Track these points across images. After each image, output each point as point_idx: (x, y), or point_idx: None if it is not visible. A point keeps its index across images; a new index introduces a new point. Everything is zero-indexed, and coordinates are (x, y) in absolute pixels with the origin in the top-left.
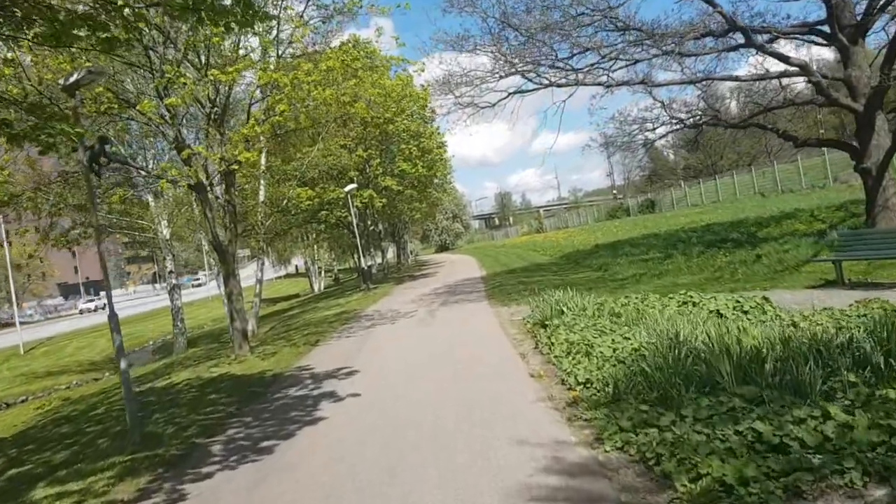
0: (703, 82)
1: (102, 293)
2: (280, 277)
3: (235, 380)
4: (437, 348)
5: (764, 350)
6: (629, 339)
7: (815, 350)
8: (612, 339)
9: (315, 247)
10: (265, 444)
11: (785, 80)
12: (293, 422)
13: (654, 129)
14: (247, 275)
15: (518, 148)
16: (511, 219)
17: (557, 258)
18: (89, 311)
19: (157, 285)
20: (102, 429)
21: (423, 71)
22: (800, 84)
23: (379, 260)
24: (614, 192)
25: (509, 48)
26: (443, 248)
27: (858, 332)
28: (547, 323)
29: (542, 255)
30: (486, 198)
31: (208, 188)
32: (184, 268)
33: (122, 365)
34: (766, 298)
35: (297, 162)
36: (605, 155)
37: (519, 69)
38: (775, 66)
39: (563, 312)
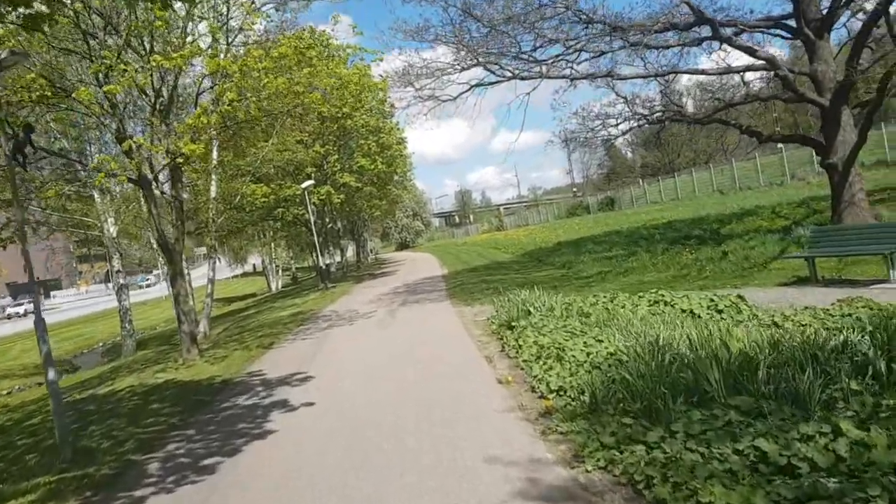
0: (666, 77)
1: (46, 294)
2: (237, 276)
3: (181, 387)
4: (397, 349)
5: (753, 355)
6: (602, 341)
7: (809, 354)
8: (585, 342)
9: (272, 245)
10: (208, 461)
11: (747, 77)
12: (240, 435)
13: (617, 124)
14: (202, 273)
15: (478, 145)
16: (472, 217)
17: (519, 256)
18: (18, 315)
19: (110, 284)
20: (34, 442)
21: (381, 60)
22: (758, 81)
23: (338, 258)
24: (574, 189)
25: (471, 40)
26: (403, 246)
27: (853, 334)
28: (513, 324)
29: (503, 252)
30: (447, 195)
31: (153, 183)
32: (138, 266)
33: (51, 375)
34: (740, 297)
35: (250, 157)
36: (566, 152)
37: (481, 61)
38: (738, 61)
39: (529, 313)
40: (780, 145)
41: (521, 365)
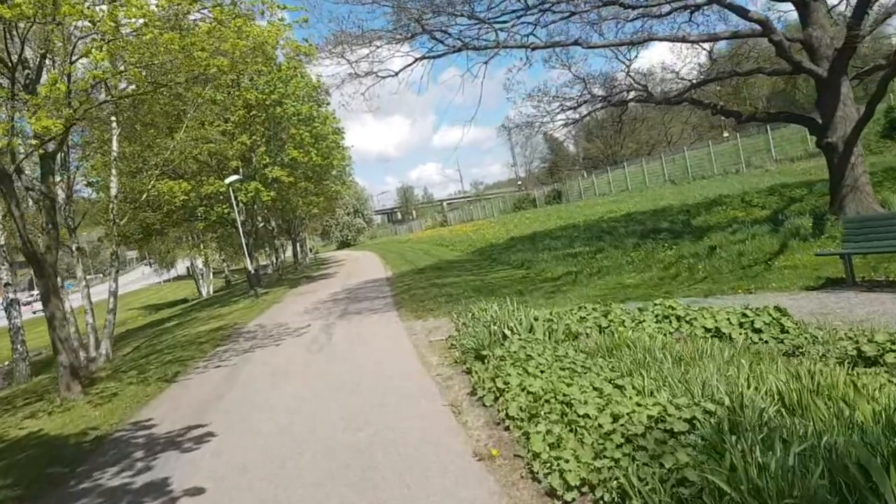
0: (629, 57)
1: None
2: (168, 281)
3: (42, 445)
4: (329, 390)
5: None
6: (624, 388)
7: None
8: (597, 389)
9: (202, 247)
10: None
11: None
12: None
13: (577, 107)
14: (130, 279)
15: (419, 143)
16: (414, 213)
17: (470, 254)
18: None
19: (35, 291)
20: None
21: (305, 21)
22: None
23: (274, 260)
24: (519, 182)
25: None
26: (344, 244)
27: None
28: (485, 353)
29: (451, 250)
30: (388, 192)
31: (13, 175)
32: (66, 272)
33: None
34: (779, 310)
35: (158, 149)
36: (508, 146)
37: (427, 27)
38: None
39: (505, 336)
40: (725, 135)
41: (504, 422)
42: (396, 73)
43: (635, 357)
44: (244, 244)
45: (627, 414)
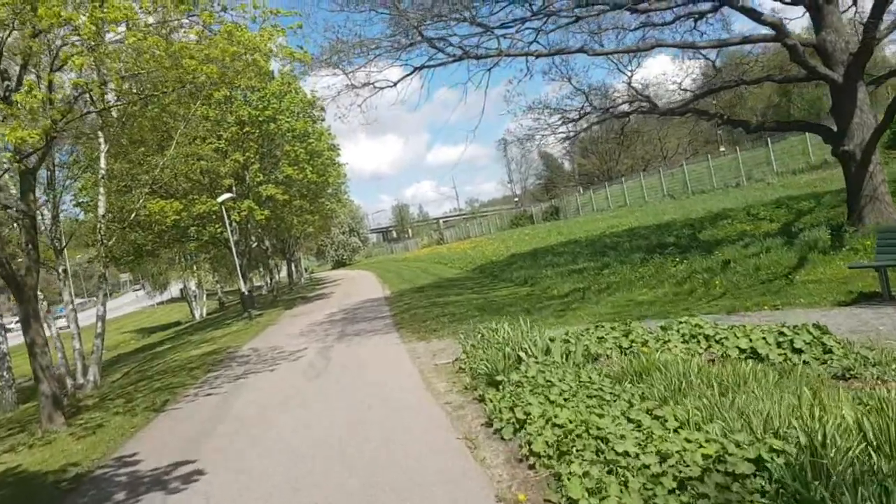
0: (631, 69)
1: None
2: (161, 303)
3: (18, 483)
4: (328, 420)
5: None
6: (664, 420)
7: None
8: (635, 421)
9: (195, 269)
10: None
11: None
12: None
13: (578, 119)
14: (127, 301)
15: (411, 161)
16: (410, 231)
17: (470, 272)
18: None
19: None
20: None
21: (300, 27)
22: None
23: (269, 280)
24: (516, 199)
25: (411, 3)
26: (340, 263)
27: None
28: (500, 379)
29: (450, 268)
30: (384, 210)
31: None
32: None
33: None
34: (819, 327)
35: (148, 165)
36: (504, 162)
37: (427, 35)
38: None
39: (520, 360)
40: (721, 149)
41: (529, 459)
42: (395, 84)
43: (669, 383)
44: (237, 265)
45: (677, 452)
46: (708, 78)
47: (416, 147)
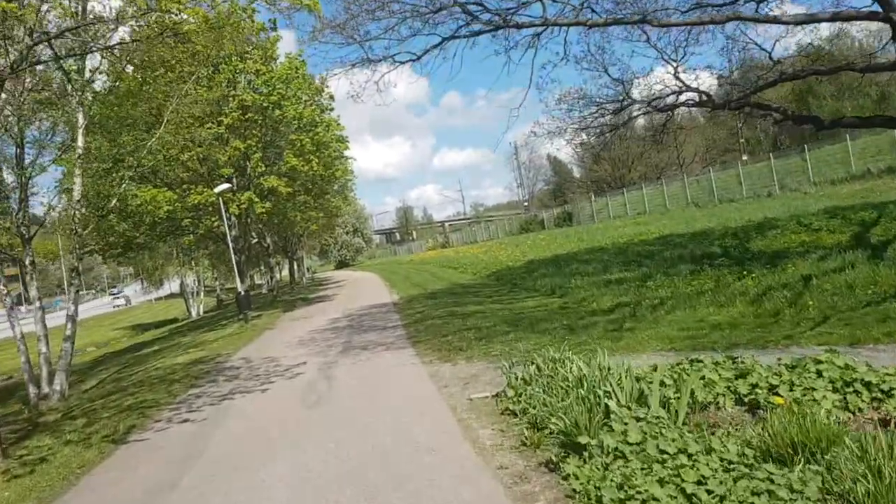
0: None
1: None
2: (160, 299)
3: None
4: (331, 484)
5: None
6: None
7: None
8: None
9: (193, 264)
10: None
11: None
12: None
13: (620, 111)
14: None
15: (418, 164)
16: (414, 234)
17: (485, 278)
18: None
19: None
20: None
21: None
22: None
23: (269, 279)
24: (525, 203)
25: None
26: (343, 264)
27: None
28: (583, 442)
29: (461, 273)
30: (387, 212)
31: None
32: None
33: None
34: None
35: (132, 145)
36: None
37: None
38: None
39: (608, 412)
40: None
41: None
42: (419, 57)
43: (871, 471)
44: (234, 261)
45: None
46: (763, 70)
47: (422, 150)
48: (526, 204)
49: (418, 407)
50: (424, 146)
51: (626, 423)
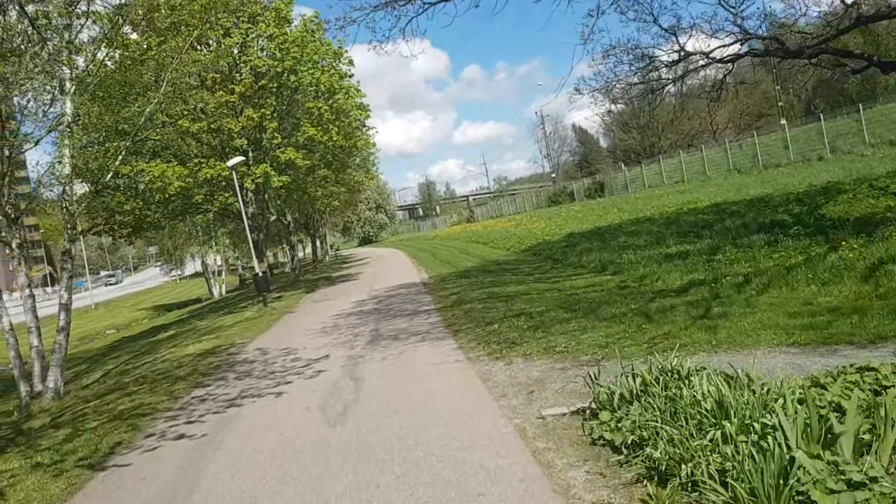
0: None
1: None
2: (185, 278)
3: None
4: None
5: None
6: None
7: None
8: None
9: (213, 243)
10: None
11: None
12: None
13: (676, 62)
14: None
15: (438, 139)
16: (438, 209)
17: (520, 253)
18: None
19: (49, 288)
20: None
21: None
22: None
23: (292, 258)
24: (553, 175)
25: None
26: (366, 240)
27: None
28: None
29: (493, 248)
30: (410, 187)
31: None
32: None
33: None
34: None
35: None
36: (545, 131)
37: None
38: None
39: (792, 462)
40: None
41: None
42: None
43: None
44: (250, 241)
45: None
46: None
47: (443, 125)
48: (553, 176)
49: (474, 427)
50: (445, 120)
51: (831, 492)
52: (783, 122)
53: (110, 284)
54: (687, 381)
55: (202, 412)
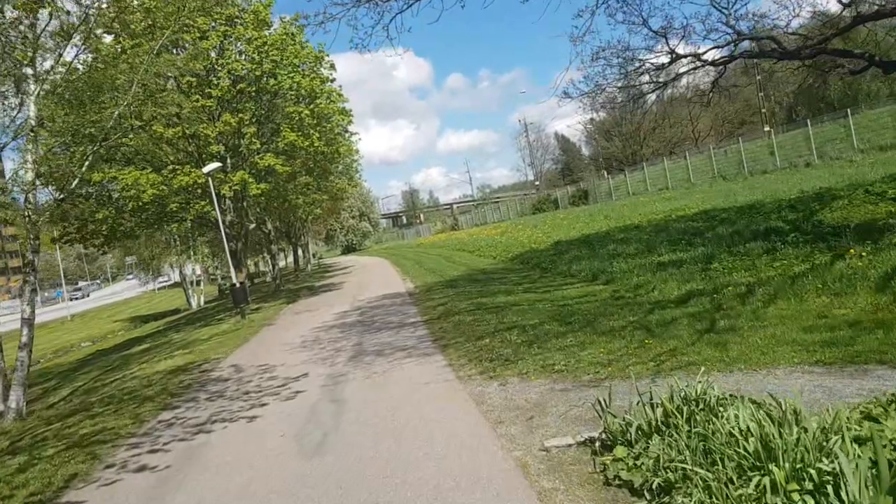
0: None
1: None
2: (163, 288)
3: None
4: None
5: None
6: None
7: None
8: None
9: (192, 252)
10: None
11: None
12: None
13: (669, 64)
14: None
15: (422, 148)
16: (422, 217)
17: (507, 261)
18: None
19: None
20: None
21: None
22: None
23: (272, 267)
24: (537, 183)
25: None
26: (349, 249)
27: None
28: None
29: (479, 256)
30: (393, 196)
31: None
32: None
33: None
34: None
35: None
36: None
37: None
38: None
39: None
40: (766, 128)
41: None
42: None
43: None
44: (227, 250)
45: None
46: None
47: (426, 133)
48: (537, 183)
49: (470, 462)
50: (429, 129)
51: None
52: (767, 128)
53: (75, 298)
54: (718, 413)
55: (167, 438)
